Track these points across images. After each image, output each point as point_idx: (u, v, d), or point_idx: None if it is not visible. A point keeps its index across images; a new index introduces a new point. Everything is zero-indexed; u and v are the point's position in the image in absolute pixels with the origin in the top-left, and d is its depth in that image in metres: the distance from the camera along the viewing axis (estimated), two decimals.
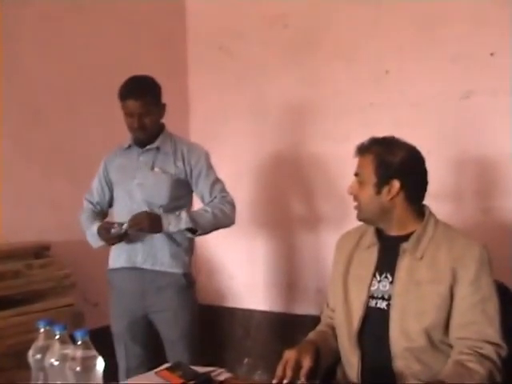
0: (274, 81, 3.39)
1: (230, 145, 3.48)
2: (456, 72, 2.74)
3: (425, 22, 2.82)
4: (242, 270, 3.61)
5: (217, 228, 2.51)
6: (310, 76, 3.25)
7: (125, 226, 2.35)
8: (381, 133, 1.82)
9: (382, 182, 1.73)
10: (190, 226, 2.40)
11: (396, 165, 1.72)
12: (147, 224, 2.34)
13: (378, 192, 1.74)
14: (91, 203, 2.63)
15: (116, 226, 2.38)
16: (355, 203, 1.80)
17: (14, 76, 2.89)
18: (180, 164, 2.49)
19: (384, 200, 1.74)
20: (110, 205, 2.64)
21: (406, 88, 2.89)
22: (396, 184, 1.72)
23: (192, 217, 2.41)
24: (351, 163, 1.86)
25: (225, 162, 2.94)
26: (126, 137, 2.58)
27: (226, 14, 3.57)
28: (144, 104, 2.38)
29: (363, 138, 1.83)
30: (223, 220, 2.50)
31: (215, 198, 2.51)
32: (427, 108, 2.82)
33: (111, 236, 2.40)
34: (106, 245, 2.49)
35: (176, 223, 2.38)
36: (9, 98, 2.86)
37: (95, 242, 2.50)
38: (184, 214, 2.40)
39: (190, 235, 2.46)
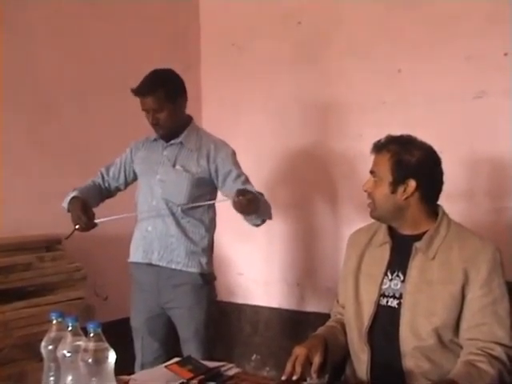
0: (286, 78, 3.39)
1: (241, 141, 3.47)
2: (469, 71, 2.72)
3: (438, 20, 2.81)
4: (251, 267, 3.62)
5: (263, 222, 2.45)
6: (322, 73, 3.25)
7: (231, 198, 2.23)
8: (393, 132, 1.81)
9: (398, 181, 1.73)
10: (265, 218, 2.37)
11: (413, 164, 1.72)
12: (253, 209, 2.24)
13: (394, 191, 1.73)
14: (102, 177, 2.61)
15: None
16: (369, 201, 1.80)
17: (27, 70, 2.91)
18: (203, 162, 2.44)
19: (399, 199, 1.74)
20: (119, 189, 2.64)
21: (418, 87, 2.88)
22: (412, 184, 1.72)
23: (265, 209, 2.36)
24: (363, 161, 1.86)
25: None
26: (139, 131, 2.59)
27: (240, 11, 3.58)
28: (155, 99, 2.35)
29: (375, 136, 1.82)
30: (269, 216, 2.46)
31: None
32: (440, 107, 2.81)
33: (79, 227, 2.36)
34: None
35: (263, 213, 2.34)
36: (21, 92, 2.89)
37: (65, 203, 2.46)
38: (262, 206, 2.33)
39: (258, 223, 2.39)
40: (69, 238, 2.46)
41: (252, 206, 2.21)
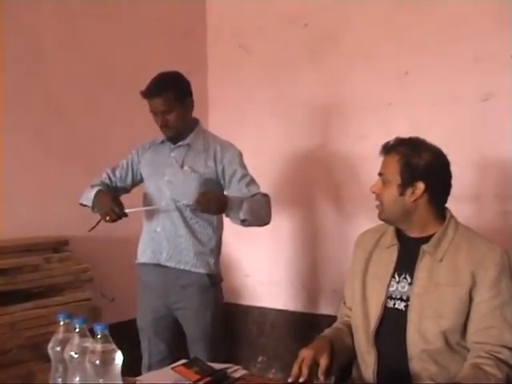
0: (293, 79, 3.39)
1: (247, 142, 3.47)
2: (476, 73, 2.72)
3: (445, 22, 2.80)
4: (257, 268, 3.62)
5: (258, 223, 2.46)
6: (328, 75, 3.25)
7: (185, 202, 2.34)
8: (399, 133, 1.81)
9: (407, 183, 1.73)
10: (247, 217, 2.34)
11: (422, 167, 1.72)
12: (215, 207, 2.30)
13: (402, 193, 1.73)
14: (109, 178, 2.62)
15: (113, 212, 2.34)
16: (377, 202, 1.79)
17: (34, 70, 2.92)
18: (211, 163, 2.46)
19: (407, 201, 1.74)
20: (125, 191, 2.64)
21: (425, 88, 2.87)
22: (421, 186, 1.72)
23: (250, 208, 2.35)
24: (368, 163, 1.86)
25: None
26: (145, 132, 2.60)
27: (246, 12, 3.58)
28: (165, 101, 2.36)
29: (381, 138, 1.83)
30: (266, 217, 2.46)
31: (257, 194, 2.44)
32: (446, 109, 2.81)
33: (111, 219, 2.37)
34: (93, 212, 2.47)
35: (237, 210, 2.33)
36: (28, 93, 2.90)
37: (86, 201, 2.49)
38: (245, 205, 2.34)
39: (238, 223, 2.39)
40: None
41: (213, 205, 2.27)
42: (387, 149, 1.78)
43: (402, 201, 1.74)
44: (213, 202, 2.28)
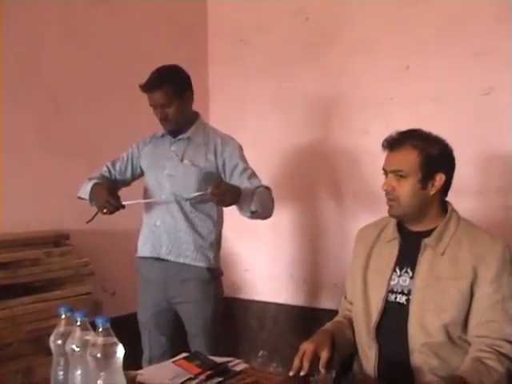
0: (294, 74, 3.39)
1: (248, 136, 3.47)
2: (477, 68, 2.71)
3: (447, 17, 2.80)
4: (257, 263, 3.62)
5: (264, 215, 2.45)
6: (329, 69, 3.24)
7: (207, 191, 2.23)
8: (400, 128, 1.80)
9: (428, 176, 1.71)
10: (258, 209, 2.33)
11: (439, 158, 1.71)
12: (230, 199, 2.25)
13: (424, 187, 1.72)
14: (109, 171, 2.61)
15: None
16: (390, 199, 1.75)
17: (35, 67, 2.92)
18: (211, 157, 2.46)
19: (427, 194, 1.72)
20: (125, 184, 2.63)
21: (426, 83, 2.87)
22: (442, 177, 1.71)
23: (259, 199, 2.34)
24: (370, 157, 1.85)
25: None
26: (147, 128, 2.59)
27: (247, 7, 3.58)
28: (164, 95, 2.36)
29: (382, 132, 1.81)
30: (271, 209, 2.45)
31: (259, 187, 2.42)
32: (447, 104, 2.80)
33: (107, 211, 2.36)
34: (91, 204, 2.47)
35: (249, 202, 2.31)
36: (29, 89, 2.90)
37: (84, 194, 2.50)
38: (255, 196, 2.33)
39: (248, 215, 2.37)
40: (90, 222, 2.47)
41: (228, 197, 2.24)
42: (395, 144, 1.74)
43: (422, 194, 1.72)
44: (227, 193, 2.26)
